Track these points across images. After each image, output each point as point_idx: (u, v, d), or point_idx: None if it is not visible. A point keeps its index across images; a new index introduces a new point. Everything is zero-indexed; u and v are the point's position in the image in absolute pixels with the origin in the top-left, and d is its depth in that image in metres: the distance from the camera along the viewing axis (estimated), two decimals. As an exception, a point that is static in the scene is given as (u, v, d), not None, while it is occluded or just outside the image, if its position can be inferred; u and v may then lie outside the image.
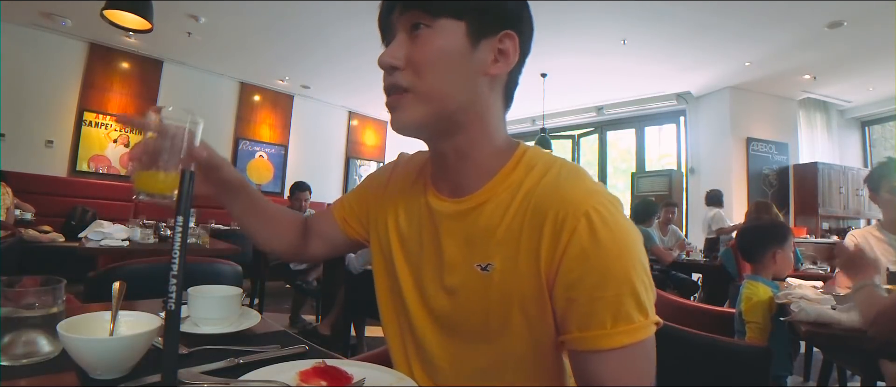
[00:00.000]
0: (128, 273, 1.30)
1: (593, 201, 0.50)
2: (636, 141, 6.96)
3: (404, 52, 0.54)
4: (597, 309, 0.49)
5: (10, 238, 3.54)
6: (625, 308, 0.48)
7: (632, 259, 0.49)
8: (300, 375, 0.56)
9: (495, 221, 0.56)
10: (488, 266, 0.55)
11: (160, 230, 2.89)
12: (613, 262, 0.48)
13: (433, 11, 0.53)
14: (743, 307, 1.53)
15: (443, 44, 0.53)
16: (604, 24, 4.30)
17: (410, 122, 0.55)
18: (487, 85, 0.57)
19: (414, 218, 0.66)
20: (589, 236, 0.49)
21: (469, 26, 0.54)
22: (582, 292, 0.49)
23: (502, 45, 0.56)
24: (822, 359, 2.04)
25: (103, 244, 2.43)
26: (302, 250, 0.82)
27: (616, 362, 0.49)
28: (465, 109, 0.56)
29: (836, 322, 1.07)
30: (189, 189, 0.44)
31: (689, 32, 4.41)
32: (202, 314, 0.81)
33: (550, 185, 0.54)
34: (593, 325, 0.49)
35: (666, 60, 5.13)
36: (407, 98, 0.54)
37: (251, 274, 3.66)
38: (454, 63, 0.54)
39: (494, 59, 0.56)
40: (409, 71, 0.54)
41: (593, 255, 0.48)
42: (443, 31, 0.53)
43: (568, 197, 0.51)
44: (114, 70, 5.43)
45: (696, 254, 4.17)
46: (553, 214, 0.51)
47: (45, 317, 0.62)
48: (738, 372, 1.33)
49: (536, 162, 0.58)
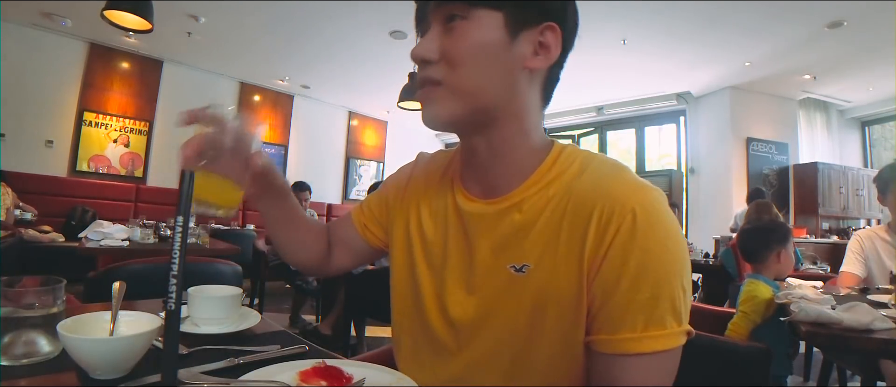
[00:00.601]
0: (128, 273, 1.30)
1: (640, 197, 0.48)
2: (636, 141, 6.96)
3: (438, 45, 0.52)
4: (631, 311, 0.47)
5: (10, 238, 3.54)
6: (659, 312, 0.46)
7: (675, 262, 0.47)
8: (300, 375, 0.56)
9: (532, 219, 0.53)
10: (524, 267, 0.53)
11: (160, 230, 2.89)
12: (656, 262, 0.46)
13: (470, 0, 0.50)
14: (741, 299, 1.54)
15: (479, 36, 0.50)
16: (604, 23, 4.30)
17: (443, 116, 0.53)
18: (526, 80, 0.54)
19: (439, 219, 0.63)
20: (635, 234, 0.47)
21: (508, 17, 0.51)
22: (618, 292, 0.47)
23: (543, 38, 0.52)
24: (822, 359, 2.04)
25: (103, 244, 2.43)
26: (327, 263, 0.78)
27: (640, 368, 0.47)
28: (502, 105, 0.53)
29: (836, 322, 1.07)
30: (189, 189, 0.44)
31: (688, 32, 4.41)
32: (202, 314, 0.81)
33: (593, 180, 0.52)
34: (624, 328, 0.47)
35: (666, 60, 5.13)
36: (439, 91, 0.52)
37: (251, 274, 3.66)
38: (491, 56, 0.51)
39: (534, 52, 0.53)
40: (444, 64, 0.52)
41: (636, 253, 0.46)
42: (480, 22, 0.50)
43: (613, 192, 0.49)
44: (114, 70, 5.43)
45: (696, 254, 4.17)
46: (599, 209, 0.49)
47: (45, 317, 0.62)
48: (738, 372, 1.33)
49: (575, 158, 0.56)
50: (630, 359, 0.47)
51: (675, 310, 0.47)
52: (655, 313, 0.46)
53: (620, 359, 0.47)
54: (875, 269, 1.80)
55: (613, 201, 0.48)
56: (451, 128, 0.55)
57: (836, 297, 1.43)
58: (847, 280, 1.81)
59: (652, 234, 0.47)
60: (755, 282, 1.56)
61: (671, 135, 6.70)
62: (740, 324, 1.50)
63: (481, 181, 0.59)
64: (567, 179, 0.53)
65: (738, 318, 1.52)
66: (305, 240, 0.76)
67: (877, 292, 1.61)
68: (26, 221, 4.09)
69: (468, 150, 0.59)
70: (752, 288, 1.54)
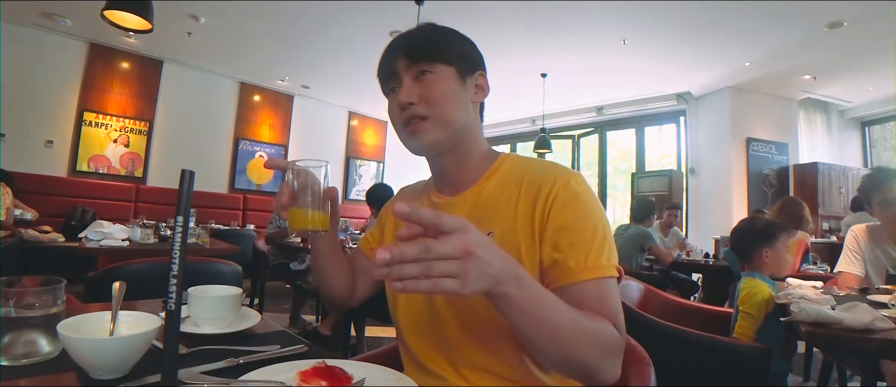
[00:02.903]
0: (128, 273, 1.31)
1: (570, 175, 0.69)
2: (636, 141, 6.96)
3: (416, 92, 0.70)
4: (575, 249, 0.63)
5: (10, 238, 3.54)
6: (595, 251, 0.63)
7: (600, 218, 0.66)
8: (300, 375, 0.56)
9: (495, 198, 0.72)
10: (490, 234, 0.67)
11: (160, 230, 2.89)
12: (589, 212, 0.65)
13: (435, 60, 0.71)
14: (741, 298, 1.53)
15: (445, 83, 0.71)
16: (604, 24, 4.30)
17: (430, 143, 0.71)
18: (473, 110, 0.76)
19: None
20: (570, 194, 0.66)
21: (458, 69, 0.72)
22: (564, 236, 0.64)
23: (479, 81, 0.76)
24: (822, 359, 2.04)
25: (103, 244, 2.43)
26: (353, 293, 0.87)
27: (594, 289, 0.62)
28: (463, 128, 0.73)
29: (836, 322, 1.07)
30: (189, 189, 0.44)
31: (689, 32, 4.41)
32: (202, 314, 0.81)
33: (539, 167, 0.72)
34: (572, 261, 0.63)
35: (666, 60, 5.13)
36: (426, 124, 0.70)
37: (251, 274, 3.66)
38: (455, 95, 0.72)
39: (476, 91, 0.76)
40: (423, 104, 0.70)
41: (573, 205, 0.65)
42: (442, 74, 0.71)
43: (554, 173, 0.69)
44: (114, 70, 5.43)
45: (696, 254, 4.17)
46: (545, 183, 0.67)
47: (45, 317, 0.62)
48: (738, 372, 1.33)
49: (518, 160, 0.77)
50: (582, 284, 0.62)
51: (605, 251, 0.64)
52: (592, 252, 0.63)
53: (576, 286, 0.62)
54: (871, 268, 1.79)
55: (554, 177, 0.68)
56: (432, 151, 0.73)
57: (836, 297, 1.43)
58: (847, 280, 1.81)
59: (583, 195, 0.67)
60: (752, 280, 1.55)
61: (671, 135, 6.71)
62: (746, 325, 1.49)
63: (450, 184, 0.78)
64: (520, 169, 0.73)
65: (742, 319, 1.50)
66: (344, 271, 0.85)
67: (877, 292, 1.60)
68: (26, 221, 4.09)
69: (439, 167, 0.78)
70: (750, 286, 1.53)
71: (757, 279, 1.55)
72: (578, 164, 7.71)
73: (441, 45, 0.72)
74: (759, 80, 5.59)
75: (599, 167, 7.32)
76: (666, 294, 1.93)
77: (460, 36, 0.76)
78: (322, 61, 5.62)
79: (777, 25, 4.14)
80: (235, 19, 4.58)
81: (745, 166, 5.89)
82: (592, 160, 7.46)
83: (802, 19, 4.00)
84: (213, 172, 6.24)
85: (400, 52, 0.72)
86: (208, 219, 5.40)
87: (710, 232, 5.57)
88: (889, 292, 1.43)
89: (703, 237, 5.57)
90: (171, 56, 5.70)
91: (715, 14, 3.99)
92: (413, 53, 0.71)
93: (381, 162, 8.18)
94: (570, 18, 4.20)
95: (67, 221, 4.55)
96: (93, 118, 5.25)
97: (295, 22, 4.54)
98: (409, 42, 0.72)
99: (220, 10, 4.37)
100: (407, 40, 0.73)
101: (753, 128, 5.99)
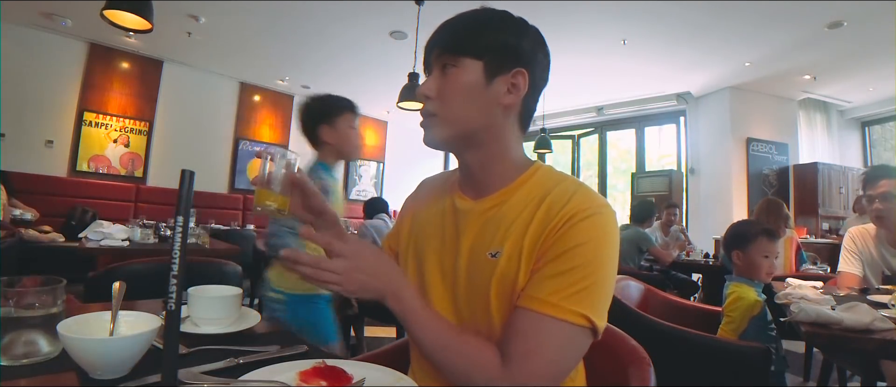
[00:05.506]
0: (128, 273, 1.31)
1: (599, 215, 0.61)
2: (636, 141, 6.96)
3: (436, 85, 0.68)
4: (549, 278, 0.58)
5: (10, 238, 3.54)
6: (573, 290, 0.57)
7: (602, 266, 0.59)
8: (300, 375, 0.56)
9: (510, 217, 0.66)
10: (497, 253, 0.64)
11: (160, 230, 2.89)
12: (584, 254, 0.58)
13: (458, 52, 0.66)
14: (726, 303, 1.54)
15: (463, 79, 0.66)
16: (604, 24, 4.30)
17: (437, 139, 0.68)
18: (501, 113, 0.68)
19: (437, 217, 0.75)
20: (580, 229, 0.59)
21: (486, 65, 0.65)
22: (547, 264, 0.59)
23: (514, 81, 0.66)
24: (822, 359, 2.04)
25: (103, 244, 2.43)
26: None
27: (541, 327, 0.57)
28: (483, 131, 0.68)
29: (836, 322, 1.06)
30: (189, 189, 0.44)
31: (689, 32, 4.41)
32: (202, 314, 0.81)
33: (565, 192, 0.64)
34: (544, 291, 0.58)
35: (666, 61, 5.13)
36: (434, 121, 0.68)
37: (251, 274, 3.66)
38: (470, 94, 0.66)
39: (508, 92, 0.67)
40: (437, 100, 0.67)
41: (573, 239, 0.59)
42: (465, 68, 0.66)
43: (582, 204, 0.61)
44: (114, 70, 5.43)
45: (696, 254, 4.17)
46: (567, 212, 0.61)
47: (45, 317, 0.62)
48: (738, 372, 1.33)
49: (550, 174, 0.70)
50: (536, 316, 0.57)
51: (589, 299, 0.57)
52: (570, 289, 0.57)
53: (530, 313, 0.58)
54: (868, 268, 1.80)
55: (577, 207, 0.61)
56: (444, 147, 0.70)
57: (836, 297, 1.43)
58: (847, 280, 1.81)
59: (594, 235, 0.59)
60: (738, 285, 1.55)
61: (671, 135, 6.70)
62: (727, 330, 1.50)
63: (474, 184, 0.73)
64: (547, 186, 0.66)
65: (725, 324, 1.51)
66: None
67: (877, 292, 1.60)
68: (26, 221, 4.09)
69: (463, 163, 0.73)
70: (735, 291, 1.53)
71: (743, 284, 1.55)
72: (578, 164, 7.71)
73: (471, 38, 0.66)
74: (758, 81, 5.59)
75: (599, 167, 7.31)
76: (666, 294, 1.94)
77: (507, 25, 0.68)
78: (322, 61, 5.61)
79: (777, 25, 4.14)
80: (235, 19, 4.58)
81: (745, 166, 5.89)
82: (592, 160, 7.46)
83: (802, 19, 4.00)
84: (213, 173, 6.24)
85: (435, 40, 0.69)
86: (208, 219, 5.40)
87: (710, 232, 5.57)
88: (889, 293, 1.43)
89: (702, 237, 5.56)
90: (171, 56, 5.70)
91: (715, 14, 3.99)
92: (444, 43, 0.68)
93: (381, 162, 8.17)
94: (570, 18, 4.20)
95: (67, 221, 4.54)
96: (93, 118, 5.26)
97: (295, 22, 4.54)
98: (444, 31, 0.69)
99: (220, 10, 4.37)
100: (443, 29, 0.69)
101: (753, 128, 5.99)
